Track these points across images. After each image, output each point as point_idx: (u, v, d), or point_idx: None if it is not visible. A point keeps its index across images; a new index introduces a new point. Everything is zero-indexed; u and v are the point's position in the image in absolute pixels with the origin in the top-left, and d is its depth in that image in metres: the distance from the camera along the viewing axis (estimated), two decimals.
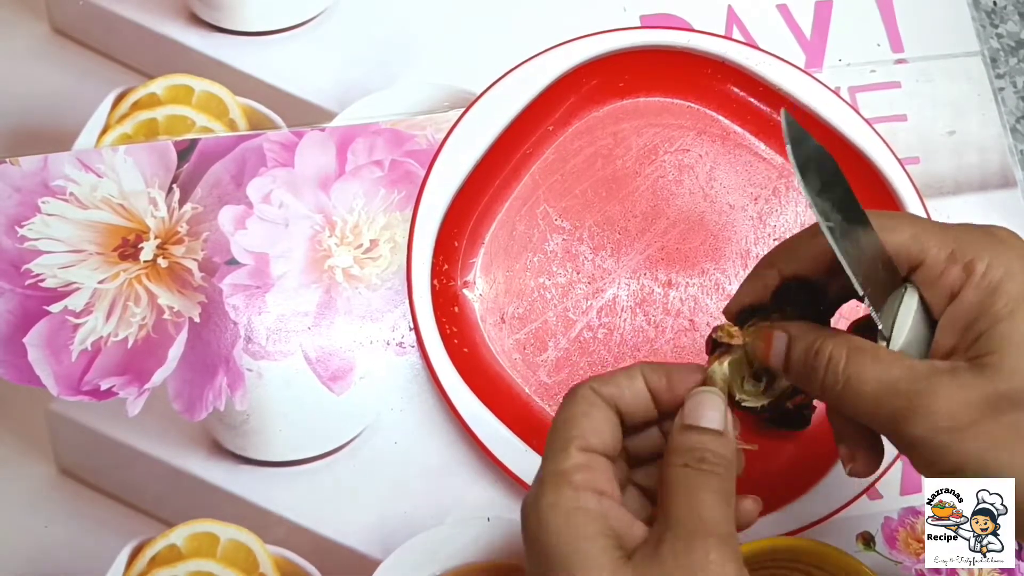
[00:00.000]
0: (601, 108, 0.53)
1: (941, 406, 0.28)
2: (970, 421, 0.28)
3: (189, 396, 0.49)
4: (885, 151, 0.51)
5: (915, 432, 0.29)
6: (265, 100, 0.53)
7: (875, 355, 0.30)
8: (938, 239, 0.30)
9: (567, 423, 0.31)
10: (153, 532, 0.47)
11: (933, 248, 0.30)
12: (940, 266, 0.30)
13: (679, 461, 0.30)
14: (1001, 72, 0.58)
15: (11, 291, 0.50)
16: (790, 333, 0.33)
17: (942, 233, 0.31)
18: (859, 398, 0.30)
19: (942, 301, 0.30)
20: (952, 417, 0.28)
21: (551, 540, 0.28)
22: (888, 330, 0.31)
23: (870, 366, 0.30)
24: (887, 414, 0.29)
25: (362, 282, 0.51)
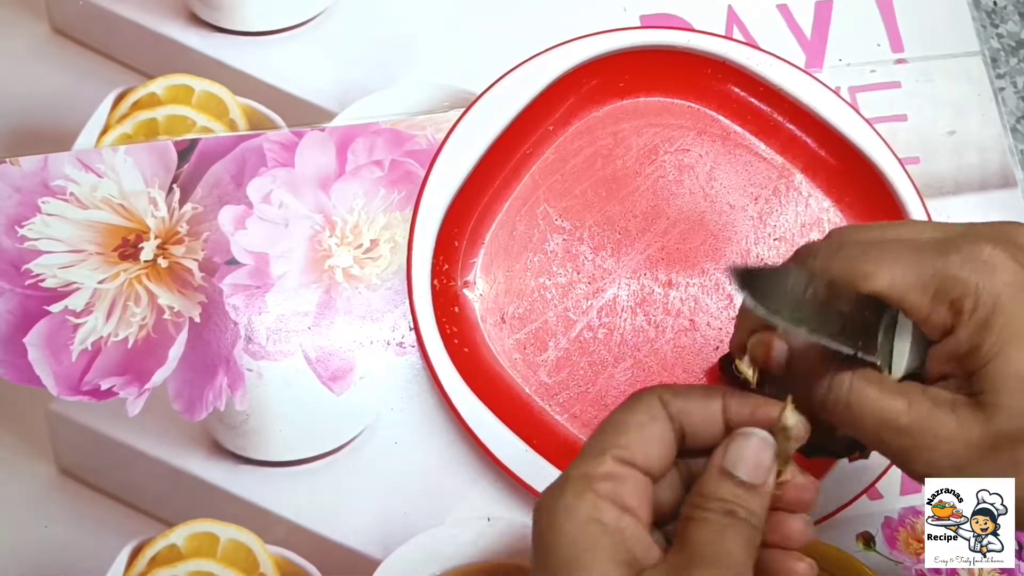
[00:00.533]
0: (601, 108, 0.53)
1: (943, 447, 0.28)
2: (970, 460, 0.28)
3: (189, 396, 0.49)
4: (885, 151, 0.51)
5: (917, 469, 0.29)
6: (265, 100, 0.53)
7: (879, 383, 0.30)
8: (918, 281, 0.29)
9: (616, 428, 0.29)
10: (153, 532, 0.47)
11: (913, 293, 0.29)
12: (925, 309, 0.29)
13: (707, 506, 0.28)
14: (1001, 72, 0.58)
15: (11, 291, 0.50)
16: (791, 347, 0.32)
17: (920, 270, 0.29)
18: (861, 427, 0.30)
19: (935, 335, 0.30)
20: (953, 456, 0.28)
21: (559, 544, 0.27)
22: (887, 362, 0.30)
23: (873, 395, 0.29)
24: (890, 449, 0.30)
25: (362, 282, 0.51)
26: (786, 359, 0.31)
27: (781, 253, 0.52)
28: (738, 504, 0.28)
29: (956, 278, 0.28)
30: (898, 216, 0.51)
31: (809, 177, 0.53)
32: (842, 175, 0.52)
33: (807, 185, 0.53)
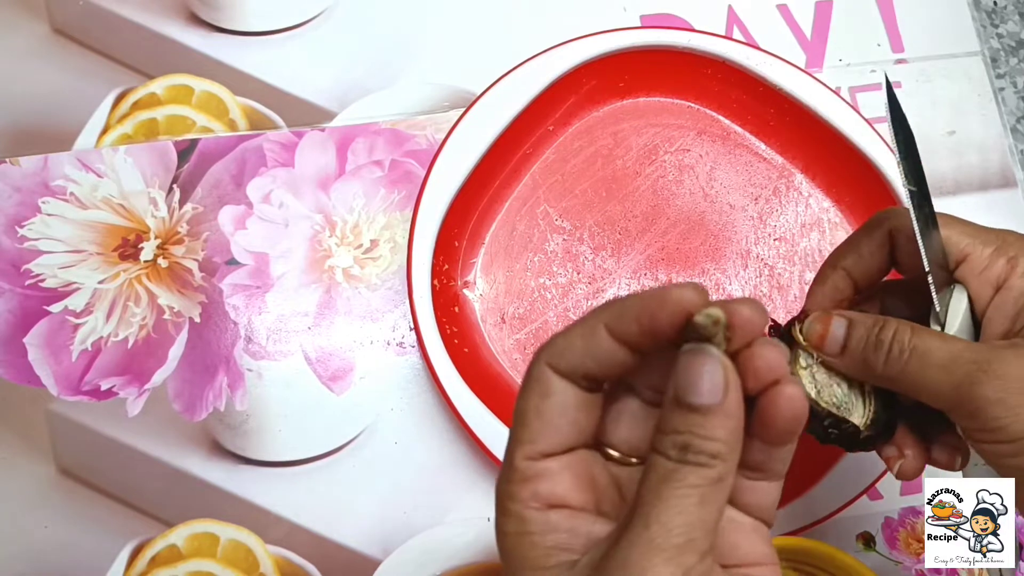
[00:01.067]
0: (601, 108, 0.53)
1: (1012, 371, 0.29)
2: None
3: (189, 396, 0.49)
4: (885, 151, 0.51)
5: (987, 394, 0.29)
6: (265, 100, 0.53)
7: (937, 332, 0.32)
8: (983, 237, 0.33)
9: (516, 423, 0.26)
10: (153, 532, 0.47)
11: (979, 243, 0.33)
12: (985, 260, 0.32)
13: (659, 446, 0.24)
14: (1001, 72, 0.58)
15: (11, 291, 0.50)
16: (850, 317, 0.33)
17: (985, 233, 0.33)
18: (926, 368, 0.31)
19: (987, 291, 0.32)
20: (1019, 381, 0.29)
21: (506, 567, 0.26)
22: (943, 316, 0.33)
23: (934, 340, 0.31)
24: (957, 379, 0.30)
25: (362, 282, 0.51)
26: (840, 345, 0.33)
27: (781, 253, 0.52)
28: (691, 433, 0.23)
29: (1015, 242, 0.32)
30: None
31: (809, 177, 0.53)
32: (842, 175, 0.52)
33: (807, 185, 0.53)
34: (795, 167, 0.53)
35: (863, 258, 0.35)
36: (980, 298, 0.33)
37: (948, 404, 0.31)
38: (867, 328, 0.33)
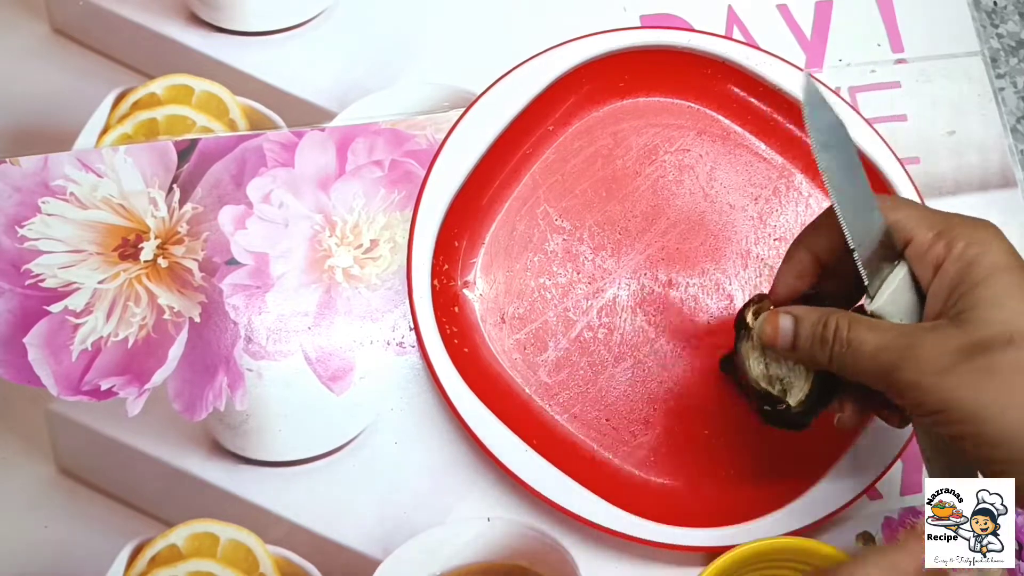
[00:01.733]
0: (601, 108, 0.53)
1: (926, 354, 0.33)
2: (950, 365, 0.32)
3: (189, 396, 0.49)
4: (885, 151, 0.51)
5: (906, 377, 0.33)
6: (265, 100, 0.53)
7: (870, 323, 0.35)
8: (928, 221, 0.35)
9: None
10: (153, 532, 0.47)
11: (923, 228, 0.35)
12: (927, 243, 0.35)
13: None
14: (1001, 72, 0.58)
15: (11, 291, 0.50)
16: (795, 314, 0.38)
17: (932, 216, 0.36)
18: (860, 357, 0.35)
19: (928, 272, 0.35)
20: (935, 362, 0.33)
21: None
22: (874, 289, 0.36)
23: (867, 331, 0.35)
24: (883, 366, 0.34)
25: (362, 282, 0.51)
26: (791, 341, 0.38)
27: (781, 253, 0.52)
28: None
29: (955, 225, 0.35)
30: None
31: (809, 177, 0.53)
32: None
33: (807, 185, 0.53)
34: (795, 167, 0.53)
35: (823, 237, 0.39)
36: (923, 279, 0.36)
37: (880, 388, 0.35)
38: (812, 325, 0.37)
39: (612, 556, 0.47)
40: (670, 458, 0.48)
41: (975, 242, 0.34)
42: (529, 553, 0.47)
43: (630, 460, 0.48)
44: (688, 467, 0.49)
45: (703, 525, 0.46)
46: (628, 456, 0.49)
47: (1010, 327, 0.32)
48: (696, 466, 0.48)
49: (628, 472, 0.48)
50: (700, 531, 0.46)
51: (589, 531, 0.46)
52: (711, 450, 0.49)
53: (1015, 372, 0.32)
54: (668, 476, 0.48)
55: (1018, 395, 0.31)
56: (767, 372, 0.41)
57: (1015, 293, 0.33)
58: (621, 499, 0.46)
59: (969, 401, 0.32)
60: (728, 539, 0.46)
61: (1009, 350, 0.32)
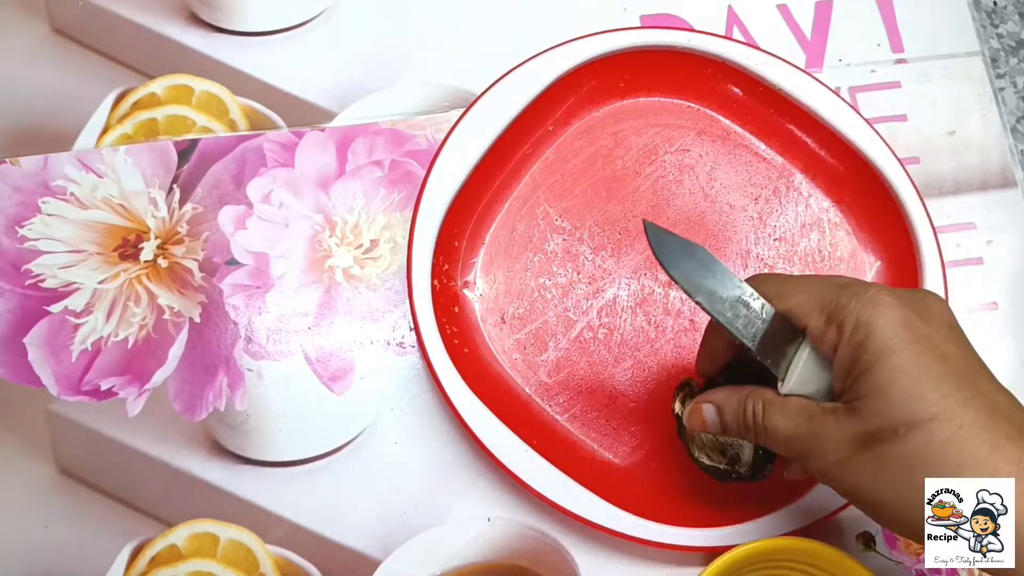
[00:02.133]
0: (601, 108, 0.53)
1: (827, 445, 0.35)
2: (848, 455, 0.34)
3: (189, 396, 0.49)
4: (885, 151, 0.51)
5: (815, 466, 0.36)
6: (265, 100, 0.53)
7: (782, 406, 0.37)
8: (818, 305, 0.36)
9: None
10: (153, 532, 0.47)
11: (813, 315, 0.36)
12: (821, 329, 0.36)
13: None
14: (1001, 72, 0.58)
15: (11, 291, 0.50)
16: (716, 403, 0.40)
17: (822, 298, 0.36)
18: (776, 443, 0.38)
19: (828, 354, 0.36)
20: (836, 453, 0.35)
21: None
22: (783, 372, 0.37)
23: (779, 416, 0.37)
24: (795, 453, 0.37)
25: (362, 282, 0.51)
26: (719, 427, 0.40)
27: (781, 253, 0.52)
28: None
29: (844, 306, 0.35)
30: (898, 218, 0.51)
31: (809, 177, 0.53)
32: (842, 175, 0.52)
33: (807, 185, 0.53)
34: (795, 167, 0.53)
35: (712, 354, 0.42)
36: (825, 359, 0.36)
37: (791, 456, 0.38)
38: (733, 413, 0.39)
39: (612, 556, 0.47)
40: (670, 458, 0.48)
41: (861, 323, 0.34)
42: (529, 553, 0.47)
43: (630, 460, 0.48)
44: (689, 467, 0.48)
45: (703, 525, 0.46)
46: (628, 456, 0.49)
47: (895, 419, 0.33)
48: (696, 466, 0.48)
49: (628, 472, 0.48)
50: (700, 531, 0.46)
51: (589, 531, 0.46)
52: None
53: (902, 461, 0.33)
54: (668, 476, 0.48)
55: (912, 483, 0.33)
56: (717, 441, 0.44)
57: (899, 377, 0.33)
58: (621, 499, 0.46)
59: (869, 490, 0.34)
60: (728, 539, 0.46)
61: (896, 441, 0.33)
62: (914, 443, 0.33)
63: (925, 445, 0.32)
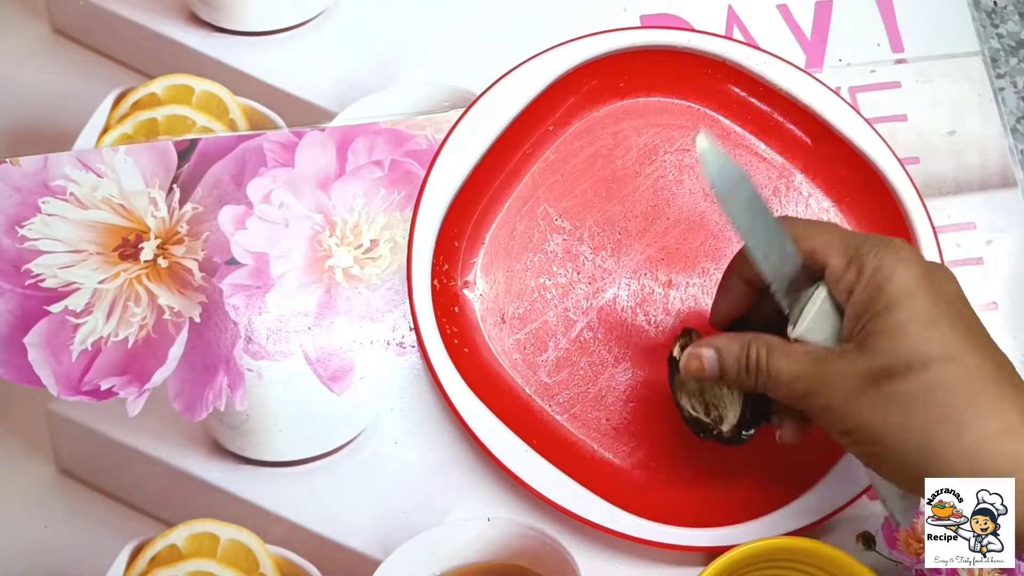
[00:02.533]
0: (601, 108, 0.53)
1: (835, 382, 0.35)
2: (857, 391, 0.35)
3: (189, 396, 0.49)
4: (885, 151, 0.51)
5: (819, 402, 0.36)
6: (265, 100, 0.53)
7: (786, 350, 0.37)
8: (841, 247, 0.37)
9: None
10: (153, 532, 0.47)
11: (835, 255, 0.37)
12: (840, 270, 0.36)
13: None
14: (1001, 72, 0.58)
15: (11, 291, 0.50)
16: (717, 347, 0.39)
17: (845, 242, 0.37)
18: (779, 385, 0.37)
19: (843, 297, 0.37)
20: (843, 389, 0.35)
21: None
22: (795, 316, 0.38)
23: (783, 359, 0.37)
24: (799, 393, 0.37)
25: (362, 282, 0.51)
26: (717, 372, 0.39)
27: None
28: None
29: (867, 251, 0.36)
30: (898, 218, 0.51)
31: (809, 177, 0.53)
32: (842, 175, 0.52)
33: (807, 185, 0.53)
34: (795, 167, 0.53)
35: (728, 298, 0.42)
36: (840, 302, 0.37)
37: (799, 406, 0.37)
38: (735, 356, 0.39)
39: (612, 556, 0.47)
40: (670, 458, 0.48)
41: (883, 266, 0.35)
42: (529, 553, 0.48)
43: (630, 460, 0.48)
44: (688, 467, 0.49)
45: (703, 525, 0.46)
46: (628, 456, 0.49)
47: (909, 356, 0.34)
48: (696, 466, 0.48)
49: (628, 472, 0.48)
50: (700, 531, 0.46)
51: (589, 531, 0.46)
52: (711, 450, 0.49)
53: (912, 398, 0.33)
54: (668, 476, 0.48)
55: (916, 420, 0.33)
56: (703, 398, 0.43)
57: (916, 319, 0.34)
58: (621, 499, 0.46)
59: (874, 424, 0.34)
60: (728, 539, 0.46)
61: (909, 377, 0.33)
62: (927, 380, 0.33)
63: (938, 382, 0.33)
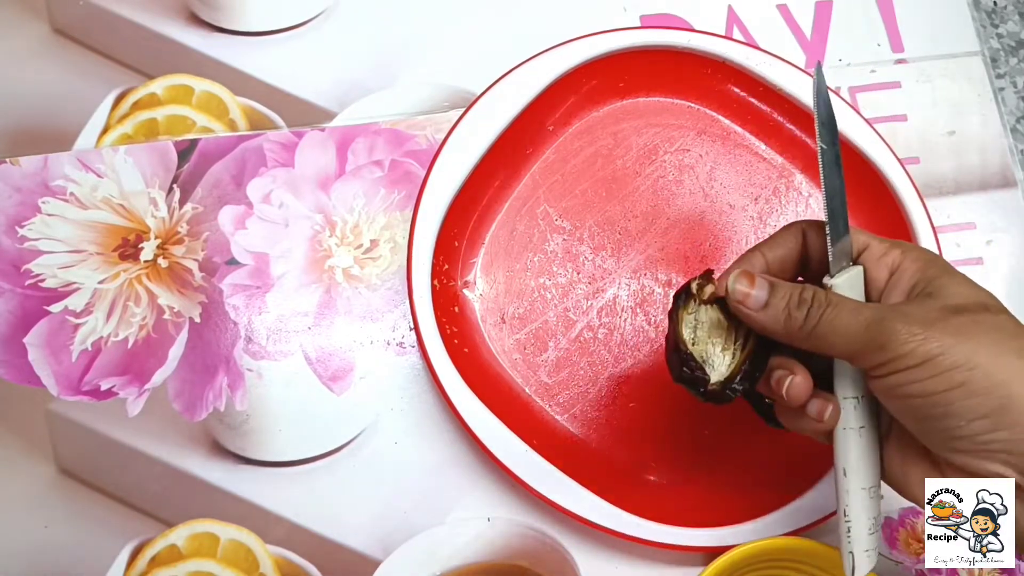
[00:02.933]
0: (601, 108, 0.53)
1: (912, 310, 0.34)
2: (938, 318, 0.33)
3: (189, 396, 0.49)
4: (885, 151, 0.51)
5: (895, 325, 0.33)
6: (265, 100, 0.53)
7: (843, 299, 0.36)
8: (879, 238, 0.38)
9: None
10: (153, 532, 0.47)
11: (877, 240, 0.38)
12: (883, 249, 0.37)
13: None
14: (1001, 72, 0.58)
15: (11, 291, 0.50)
16: (771, 281, 0.37)
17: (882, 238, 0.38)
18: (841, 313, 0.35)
19: (884, 274, 0.37)
20: (922, 316, 0.33)
21: None
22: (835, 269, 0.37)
23: (845, 304, 0.35)
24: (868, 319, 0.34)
25: (362, 282, 0.51)
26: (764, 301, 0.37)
27: None
28: None
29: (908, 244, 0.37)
30: (898, 217, 0.51)
31: (809, 177, 0.53)
32: None
33: (807, 185, 0.53)
34: (795, 167, 0.53)
35: (779, 246, 0.40)
36: (878, 278, 0.37)
37: (860, 343, 0.34)
38: (788, 288, 0.36)
39: (612, 556, 0.47)
40: (671, 458, 0.48)
41: (924, 253, 0.37)
42: (529, 553, 0.47)
43: (630, 460, 0.48)
44: (688, 467, 0.49)
45: (703, 525, 0.46)
46: (628, 456, 0.49)
47: (981, 299, 0.34)
48: (696, 466, 0.49)
49: (628, 472, 0.48)
50: (700, 531, 0.46)
51: (589, 531, 0.46)
52: (712, 450, 0.49)
53: (996, 329, 0.33)
54: (668, 476, 0.48)
55: (1006, 346, 0.32)
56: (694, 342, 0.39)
57: (972, 284, 0.35)
58: (621, 499, 0.46)
59: (961, 346, 0.32)
60: (728, 539, 0.46)
61: (987, 314, 0.33)
62: (1005, 317, 0.34)
63: (1013, 320, 0.34)
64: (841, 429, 0.37)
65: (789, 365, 0.37)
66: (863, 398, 0.37)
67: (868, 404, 0.37)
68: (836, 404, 0.37)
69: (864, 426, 0.36)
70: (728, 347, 0.39)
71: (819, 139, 0.38)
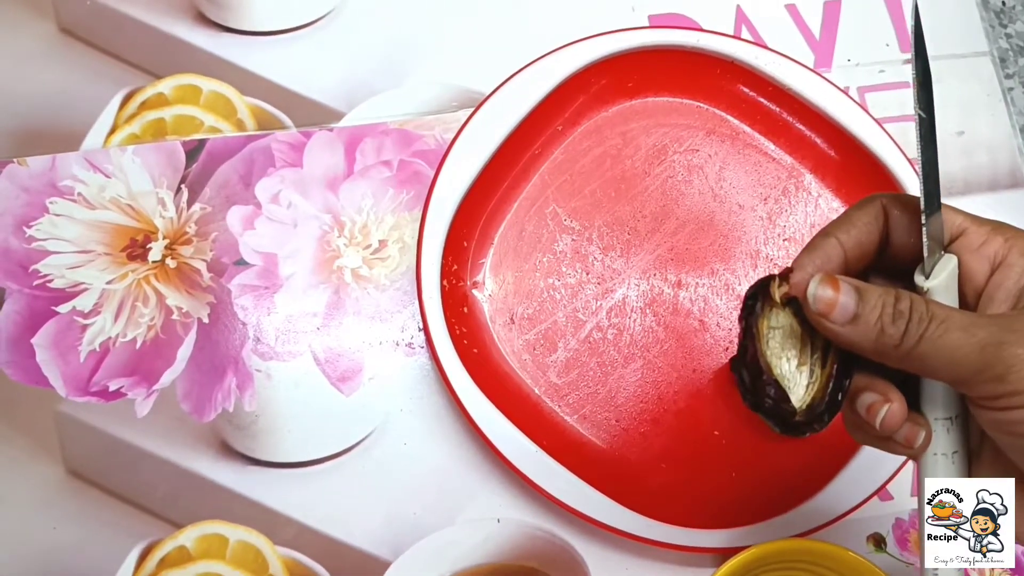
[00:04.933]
0: (610, 108, 0.53)
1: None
2: None
3: (198, 397, 0.49)
4: (895, 151, 0.51)
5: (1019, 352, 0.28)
6: (273, 100, 0.53)
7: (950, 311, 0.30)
8: (979, 219, 0.32)
9: None
10: (162, 533, 0.47)
11: (975, 223, 0.32)
12: (983, 236, 0.32)
13: None
14: (1010, 72, 0.58)
15: (19, 292, 0.50)
16: (858, 286, 0.31)
17: (981, 217, 0.33)
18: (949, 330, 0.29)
19: (984, 267, 0.31)
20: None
21: None
22: (930, 266, 0.31)
23: (952, 309, 0.30)
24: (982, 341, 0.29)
25: (371, 282, 0.51)
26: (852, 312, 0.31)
27: (791, 254, 0.52)
28: None
29: (1009, 227, 0.32)
30: None
31: (819, 177, 0.53)
32: (852, 175, 0.52)
33: (816, 185, 0.53)
34: (804, 167, 0.53)
35: (856, 228, 0.33)
36: (976, 272, 0.32)
37: (971, 369, 0.29)
38: (881, 297, 0.30)
39: (623, 557, 0.47)
40: (681, 459, 0.48)
41: None
42: (539, 555, 0.47)
43: (641, 461, 0.48)
44: (699, 468, 0.48)
45: (714, 527, 0.46)
46: (639, 457, 0.48)
47: None
48: (707, 467, 0.48)
49: (639, 473, 0.48)
50: (711, 533, 0.46)
51: (599, 532, 0.46)
52: (722, 451, 0.49)
53: None
54: (679, 477, 0.48)
55: None
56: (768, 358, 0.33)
57: None
58: (632, 500, 0.46)
59: None
60: (739, 541, 0.46)
61: None
62: None
63: None
64: (931, 455, 0.32)
65: (882, 389, 0.31)
66: (956, 418, 0.32)
67: (962, 425, 0.32)
68: (929, 429, 0.32)
69: (957, 451, 0.32)
70: (804, 362, 0.32)
71: (916, 104, 0.32)
